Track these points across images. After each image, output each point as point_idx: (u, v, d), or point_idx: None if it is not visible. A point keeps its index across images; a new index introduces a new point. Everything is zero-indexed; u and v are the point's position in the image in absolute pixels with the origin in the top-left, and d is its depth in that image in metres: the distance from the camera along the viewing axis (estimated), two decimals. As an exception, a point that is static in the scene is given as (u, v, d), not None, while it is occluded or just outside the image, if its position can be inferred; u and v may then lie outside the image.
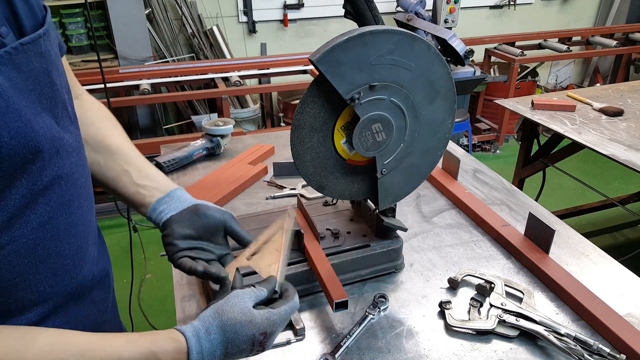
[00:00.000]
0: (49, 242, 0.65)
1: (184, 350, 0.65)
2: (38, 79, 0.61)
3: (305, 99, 0.88)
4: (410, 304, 1.03)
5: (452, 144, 1.81)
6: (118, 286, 2.85)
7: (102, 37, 3.46)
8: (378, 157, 0.95)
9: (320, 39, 4.16)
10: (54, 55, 0.65)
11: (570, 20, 5.12)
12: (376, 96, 0.89)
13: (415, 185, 1.03)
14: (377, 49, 0.84)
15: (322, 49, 0.82)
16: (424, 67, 0.89)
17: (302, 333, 0.94)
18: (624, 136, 1.98)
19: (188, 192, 0.91)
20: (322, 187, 0.99)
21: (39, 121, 0.60)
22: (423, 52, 0.88)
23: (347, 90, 0.86)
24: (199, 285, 1.09)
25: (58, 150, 0.64)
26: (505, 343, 0.94)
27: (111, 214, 3.32)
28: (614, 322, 0.93)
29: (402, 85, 0.90)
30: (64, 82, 0.70)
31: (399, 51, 0.86)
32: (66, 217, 0.67)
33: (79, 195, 0.70)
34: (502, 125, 4.22)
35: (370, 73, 0.86)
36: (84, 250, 0.73)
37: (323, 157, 0.95)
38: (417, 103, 0.93)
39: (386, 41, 0.84)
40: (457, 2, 3.70)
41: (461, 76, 3.80)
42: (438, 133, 0.98)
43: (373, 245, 1.09)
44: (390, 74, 0.88)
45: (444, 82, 0.93)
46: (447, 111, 0.97)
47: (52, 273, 0.67)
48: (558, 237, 1.23)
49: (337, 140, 0.94)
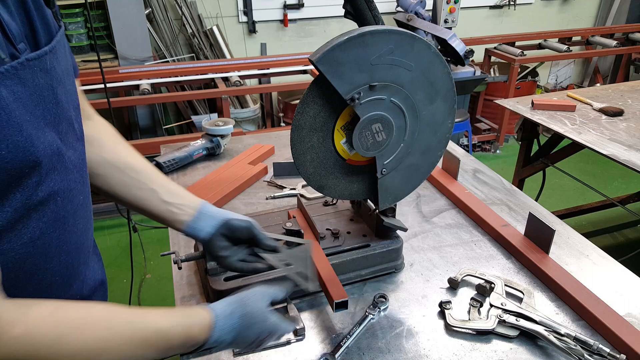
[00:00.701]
0: (39, 258, 0.65)
1: (211, 325, 0.72)
2: (43, 94, 0.61)
3: (305, 99, 0.88)
4: (410, 304, 1.03)
5: (452, 144, 1.81)
6: (118, 286, 2.85)
7: (102, 37, 3.46)
8: (378, 157, 0.95)
9: (320, 39, 4.16)
10: (60, 72, 0.65)
11: (570, 20, 5.12)
12: (376, 96, 0.88)
13: (416, 185, 1.03)
14: (377, 49, 0.84)
15: (322, 49, 0.82)
16: (424, 67, 0.89)
17: (302, 333, 0.94)
18: (624, 136, 1.98)
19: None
20: (322, 187, 0.99)
21: (41, 136, 0.60)
22: (423, 52, 0.88)
23: (347, 90, 0.86)
24: (199, 284, 1.09)
25: (56, 166, 0.64)
26: (505, 343, 0.94)
27: (111, 214, 3.32)
28: (614, 322, 0.93)
29: (402, 85, 0.89)
30: (72, 99, 0.70)
31: (399, 51, 0.86)
32: (59, 234, 0.67)
33: (75, 212, 0.70)
34: (502, 125, 4.22)
35: (370, 73, 0.86)
36: (74, 268, 0.73)
37: (323, 157, 0.95)
38: (417, 103, 0.93)
39: (386, 41, 0.84)
40: (457, 2, 3.70)
41: (461, 76, 3.80)
42: (438, 133, 0.98)
43: (373, 245, 1.09)
44: (390, 74, 0.87)
45: (444, 82, 0.93)
46: (447, 111, 0.97)
47: (38, 289, 0.66)
48: (558, 237, 1.23)
49: (337, 140, 0.94)
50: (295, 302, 1.01)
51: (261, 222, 1.16)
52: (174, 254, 0.98)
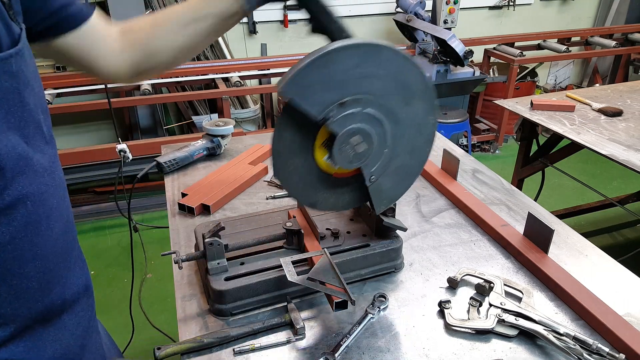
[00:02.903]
0: (12, 263, 0.64)
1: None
2: (7, 97, 0.60)
3: (278, 125, 0.88)
4: (410, 304, 1.04)
5: (452, 144, 1.82)
6: (119, 286, 2.85)
7: (102, 37, 3.46)
8: (363, 167, 0.94)
9: (320, 39, 4.16)
10: (28, 75, 0.65)
11: (570, 20, 5.13)
12: (349, 111, 0.87)
13: (408, 185, 1.03)
14: (343, 65, 0.83)
15: (286, 76, 0.81)
16: (394, 73, 0.87)
17: (302, 333, 0.95)
18: (623, 136, 1.99)
19: (188, 192, 0.95)
20: (313, 204, 0.99)
21: (3, 139, 0.59)
22: (391, 59, 0.86)
23: (318, 111, 0.85)
24: (200, 284, 1.09)
25: (24, 170, 0.63)
26: (504, 342, 0.94)
27: (112, 213, 3.33)
28: (613, 322, 0.94)
29: (374, 95, 0.88)
30: (40, 102, 0.69)
31: (365, 63, 0.84)
32: (31, 238, 0.66)
33: (48, 216, 0.69)
34: (501, 126, 4.23)
35: (339, 90, 0.85)
36: (53, 273, 0.72)
37: (308, 176, 0.95)
38: (394, 108, 0.91)
39: (351, 56, 0.82)
40: (456, 2, 3.70)
41: (460, 77, 3.80)
42: (422, 132, 0.96)
43: (373, 245, 1.09)
44: (360, 86, 0.86)
45: (418, 83, 0.91)
46: (427, 110, 0.94)
47: (13, 295, 0.65)
48: (557, 236, 1.23)
49: (319, 157, 0.94)
50: (295, 301, 1.01)
51: (261, 222, 1.16)
52: (174, 254, 0.98)
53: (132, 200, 2.22)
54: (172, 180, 1.53)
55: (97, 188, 3.56)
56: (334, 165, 0.93)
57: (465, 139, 3.95)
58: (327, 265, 0.98)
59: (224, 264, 1.00)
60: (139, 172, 1.45)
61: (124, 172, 2.70)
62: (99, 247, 3.04)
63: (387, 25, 4.32)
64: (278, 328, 0.97)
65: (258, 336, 0.95)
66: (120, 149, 1.70)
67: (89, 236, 3.15)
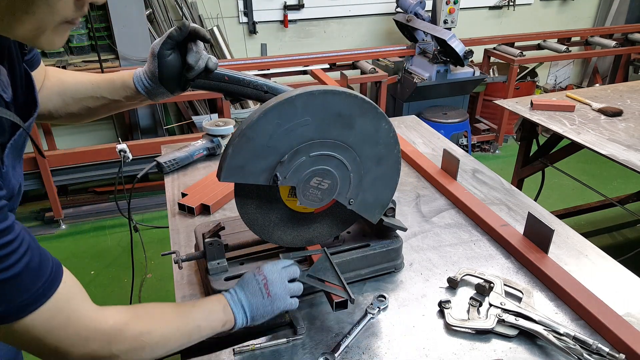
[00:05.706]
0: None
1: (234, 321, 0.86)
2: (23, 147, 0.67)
3: (239, 201, 0.92)
4: (410, 304, 1.04)
5: (452, 144, 1.82)
6: (119, 286, 2.85)
7: (103, 37, 3.46)
8: (336, 197, 0.95)
9: (320, 39, 4.17)
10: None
11: (570, 20, 5.13)
12: (295, 163, 0.88)
13: (392, 188, 1.02)
14: (265, 132, 0.83)
15: (221, 165, 0.84)
16: (320, 111, 0.86)
17: (302, 332, 0.95)
18: (623, 136, 1.99)
19: (188, 192, 1.00)
20: (310, 241, 1.04)
21: (17, 175, 0.65)
22: (309, 102, 0.84)
23: (266, 179, 0.87)
24: (200, 284, 1.09)
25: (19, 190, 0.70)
26: (504, 342, 0.94)
27: (112, 213, 3.33)
28: (613, 322, 0.94)
29: (311, 139, 0.87)
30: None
31: (284, 119, 0.84)
32: None
33: None
34: (501, 126, 4.22)
35: (274, 151, 0.85)
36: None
37: (288, 223, 0.99)
38: (337, 138, 0.90)
39: (268, 122, 0.83)
40: (456, 2, 3.70)
41: (460, 77, 3.80)
42: (379, 140, 0.94)
43: (373, 245, 1.09)
44: (291, 140, 0.86)
45: (350, 105, 0.88)
46: (373, 120, 0.91)
47: None
48: (557, 236, 1.23)
49: (293, 205, 0.96)
50: (295, 301, 1.02)
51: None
52: (174, 254, 0.98)
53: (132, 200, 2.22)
54: (172, 180, 1.54)
55: (97, 188, 3.56)
56: (310, 206, 0.95)
57: (465, 139, 3.95)
58: (327, 263, 0.98)
59: (224, 264, 1.00)
60: (139, 172, 1.45)
61: (124, 172, 2.70)
62: (99, 247, 3.04)
63: (387, 25, 4.33)
64: (278, 328, 0.97)
65: (258, 336, 0.95)
66: (120, 149, 1.70)
67: (89, 236, 3.15)
